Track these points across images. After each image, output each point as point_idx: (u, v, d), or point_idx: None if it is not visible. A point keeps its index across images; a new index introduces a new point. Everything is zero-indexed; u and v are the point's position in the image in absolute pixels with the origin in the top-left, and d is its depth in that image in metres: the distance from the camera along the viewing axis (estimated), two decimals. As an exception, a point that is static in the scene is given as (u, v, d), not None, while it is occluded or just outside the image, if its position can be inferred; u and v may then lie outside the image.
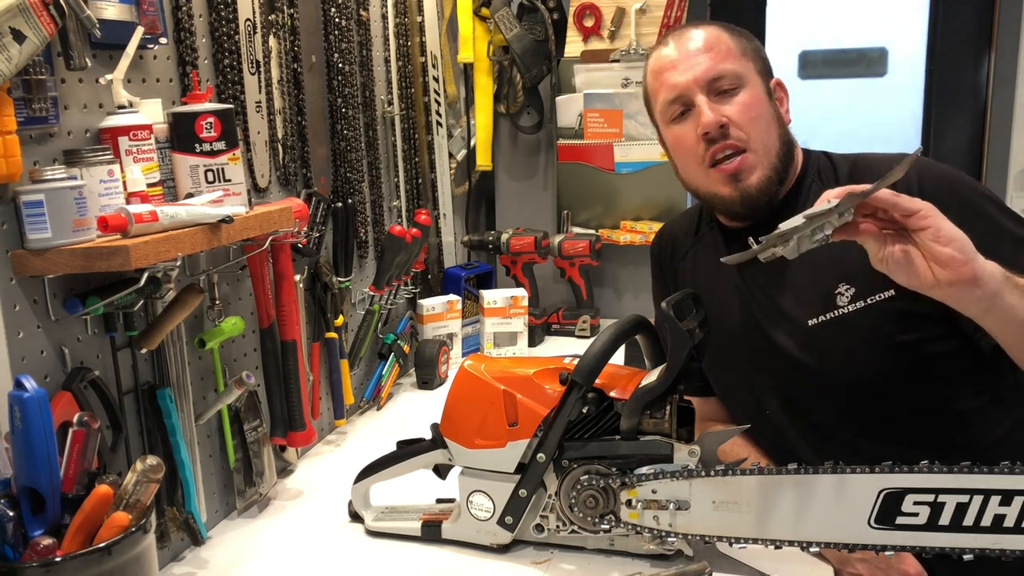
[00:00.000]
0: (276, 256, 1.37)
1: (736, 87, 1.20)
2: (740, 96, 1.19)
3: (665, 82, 1.23)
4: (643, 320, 1.22)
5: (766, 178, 1.20)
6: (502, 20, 2.21)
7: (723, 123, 1.18)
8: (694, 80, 1.20)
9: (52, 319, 1.03)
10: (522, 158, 2.45)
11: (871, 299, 1.15)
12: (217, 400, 1.31)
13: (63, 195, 0.98)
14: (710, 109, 1.18)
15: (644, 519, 1.08)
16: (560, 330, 2.35)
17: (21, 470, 0.90)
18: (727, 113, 1.18)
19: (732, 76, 1.20)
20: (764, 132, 1.20)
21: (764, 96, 1.22)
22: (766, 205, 1.21)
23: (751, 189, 1.20)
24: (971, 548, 0.92)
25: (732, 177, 1.20)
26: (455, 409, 1.22)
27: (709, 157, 1.20)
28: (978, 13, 2.53)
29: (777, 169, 1.21)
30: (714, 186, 1.22)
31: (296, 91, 1.56)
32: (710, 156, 1.20)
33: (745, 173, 1.19)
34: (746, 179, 1.19)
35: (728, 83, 1.20)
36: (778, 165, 1.21)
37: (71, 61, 1.01)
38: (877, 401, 1.18)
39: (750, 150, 1.19)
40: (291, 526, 1.35)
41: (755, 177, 1.19)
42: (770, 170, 1.20)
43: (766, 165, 1.20)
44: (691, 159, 1.23)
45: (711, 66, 1.20)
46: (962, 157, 2.63)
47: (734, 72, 1.20)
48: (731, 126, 1.18)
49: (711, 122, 1.18)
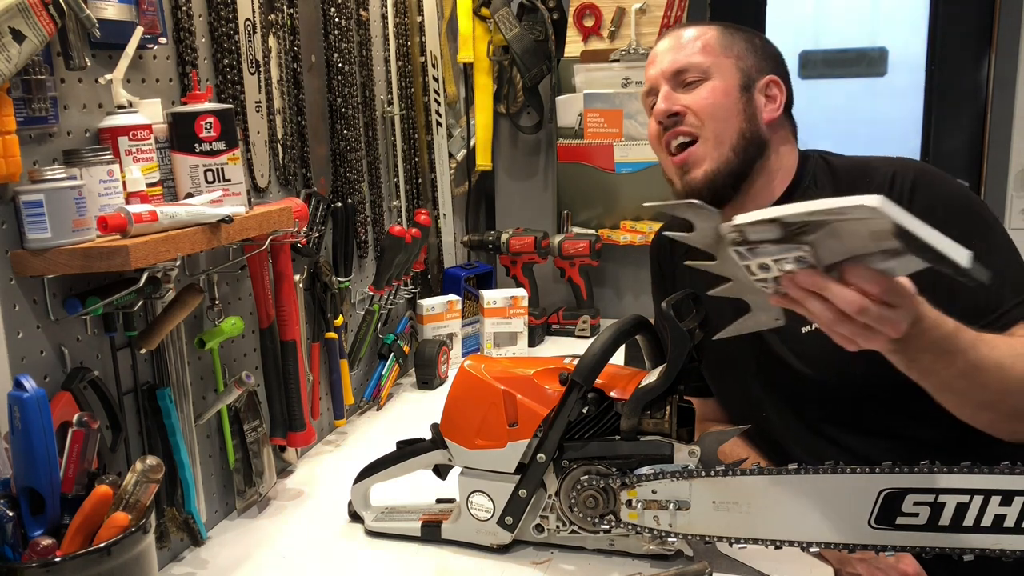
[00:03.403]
0: (276, 256, 1.37)
1: (701, 79, 1.23)
2: (702, 87, 1.22)
3: (646, 75, 1.30)
4: (643, 320, 1.22)
5: (713, 171, 1.21)
6: (502, 20, 2.21)
7: (674, 111, 1.22)
8: (661, 73, 1.25)
9: (52, 319, 1.03)
10: (522, 158, 2.45)
11: None
12: (217, 400, 1.31)
13: (63, 195, 0.98)
14: (664, 98, 1.24)
15: (644, 519, 1.08)
16: (560, 330, 2.35)
17: (21, 470, 0.90)
18: (684, 102, 1.22)
19: (697, 69, 1.23)
20: (720, 123, 1.21)
21: (733, 89, 1.22)
22: (710, 198, 1.20)
23: (695, 182, 1.22)
24: (971, 548, 0.92)
25: (680, 168, 1.24)
26: (455, 409, 1.22)
27: (664, 144, 1.25)
28: (978, 13, 2.53)
29: (730, 162, 1.21)
30: (671, 175, 1.27)
31: (296, 91, 1.56)
32: (664, 142, 1.25)
33: (691, 165, 1.22)
34: (692, 171, 1.22)
35: (693, 75, 1.23)
36: (732, 159, 1.21)
37: (71, 61, 1.01)
38: (872, 406, 1.18)
39: (701, 139, 1.21)
40: (291, 526, 1.35)
41: (701, 170, 1.22)
42: (719, 163, 1.21)
43: (715, 158, 1.21)
44: (657, 148, 1.29)
45: (676, 59, 1.24)
46: (962, 157, 2.63)
47: (699, 65, 1.23)
48: (687, 114, 1.22)
49: (660, 110, 1.23)
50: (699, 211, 0.85)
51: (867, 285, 0.82)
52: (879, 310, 0.83)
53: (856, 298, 0.82)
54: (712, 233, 0.85)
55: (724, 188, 1.22)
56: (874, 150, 1.29)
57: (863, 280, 0.82)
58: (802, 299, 0.86)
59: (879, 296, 0.83)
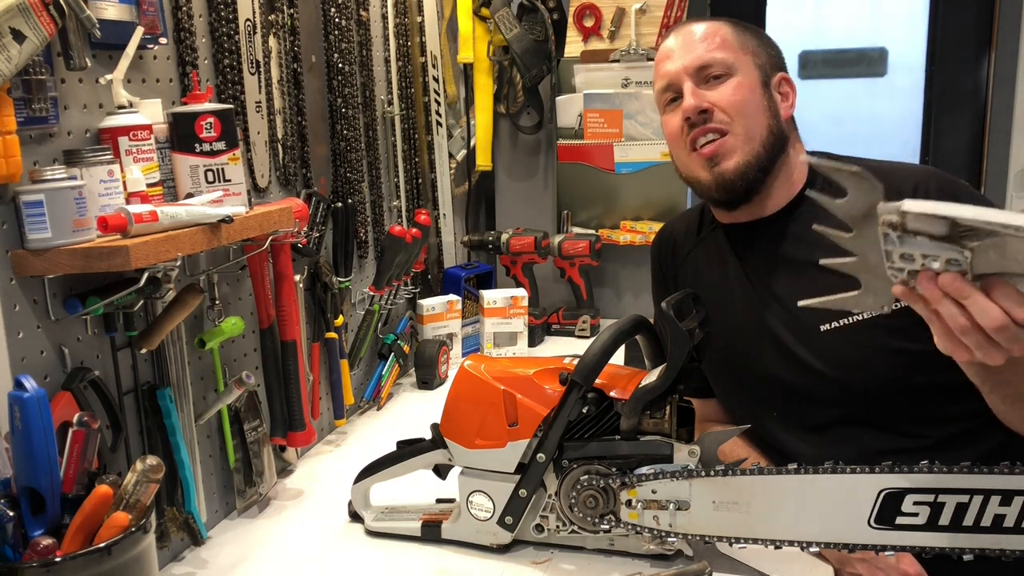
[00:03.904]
0: (276, 256, 1.37)
1: (725, 75, 1.22)
2: (728, 83, 1.22)
3: (660, 71, 1.27)
4: (643, 320, 1.22)
5: (744, 163, 1.20)
6: (502, 20, 2.21)
7: (704, 107, 1.21)
8: (683, 68, 1.23)
9: (52, 319, 1.03)
10: (522, 158, 2.45)
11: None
12: (217, 400, 1.31)
13: (63, 195, 0.98)
14: (692, 95, 1.22)
15: (644, 519, 1.08)
16: (560, 330, 2.35)
17: (21, 470, 0.90)
18: (711, 98, 1.21)
19: (721, 64, 1.22)
20: (749, 119, 1.21)
21: (756, 85, 1.22)
22: (743, 191, 1.22)
23: (726, 173, 1.21)
24: (971, 548, 0.92)
25: (709, 160, 1.22)
26: (455, 409, 1.22)
27: (690, 141, 1.23)
28: (978, 13, 2.53)
29: (760, 157, 1.21)
30: (695, 170, 1.24)
31: (296, 91, 1.56)
32: (691, 140, 1.23)
33: (721, 157, 1.21)
34: (723, 162, 1.21)
35: (717, 71, 1.22)
36: (761, 154, 1.21)
37: (71, 61, 1.01)
38: (881, 406, 1.18)
39: (731, 133, 1.21)
40: (291, 526, 1.35)
41: (732, 162, 1.21)
42: (750, 156, 1.20)
43: (746, 151, 1.20)
44: (678, 145, 1.26)
45: (700, 55, 1.23)
46: (962, 158, 2.63)
47: (723, 61, 1.22)
48: (715, 110, 1.21)
49: (690, 107, 1.21)
50: (862, 181, 0.80)
51: (1012, 306, 0.79)
52: (1017, 331, 0.80)
53: (1000, 315, 0.78)
54: (864, 207, 0.81)
55: (756, 182, 1.22)
56: (874, 150, 1.29)
57: (1011, 301, 0.78)
58: (935, 300, 0.81)
59: (1020, 318, 0.79)
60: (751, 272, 1.28)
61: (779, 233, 1.25)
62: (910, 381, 1.16)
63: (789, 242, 1.24)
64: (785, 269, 1.24)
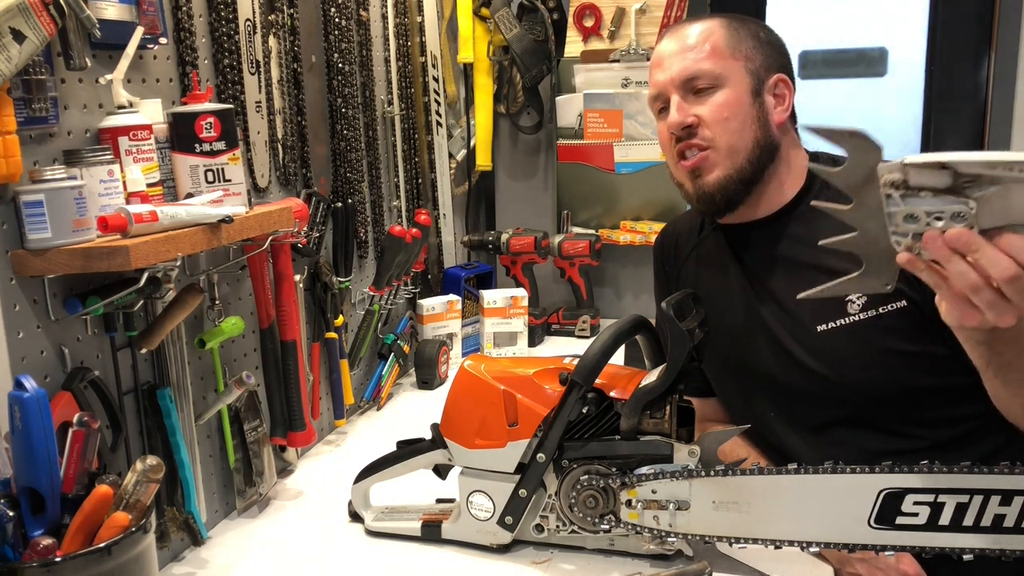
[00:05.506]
0: (276, 256, 1.37)
1: (713, 87, 1.22)
2: (715, 96, 1.21)
3: (652, 78, 1.28)
4: (643, 320, 1.22)
5: (725, 177, 1.21)
6: (502, 20, 2.21)
7: (688, 123, 1.22)
8: (670, 80, 1.24)
9: (52, 319, 1.03)
10: (522, 158, 2.45)
11: (882, 308, 1.15)
12: (217, 400, 1.31)
13: (63, 195, 0.98)
14: (678, 109, 1.23)
15: (644, 519, 1.08)
16: (560, 330, 2.35)
17: (21, 470, 0.90)
18: (697, 112, 1.22)
19: (709, 76, 1.21)
20: (734, 134, 1.21)
21: (745, 95, 1.22)
22: (723, 204, 1.23)
23: (706, 187, 1.23)
24: (971, 548, 0.92)
25: (691, 173, 1.24)
26: (455, 409, 1.22)
27: (677, 153, 1.25)
28: (978, 13, 2.53)
29: (743, 171, 1.21)
30: (681, 179, 1.27)
31: (296, 91, 1.56)
32: (677, 152, 1.25)
33: (703, 170, 1.23)
34: (704, 176, 1.23)
35: (704, 82, 1.22)
36: (745, 167, 1.22)
37: (71, 61, 1.01)
38: (879, 407, 1.18)
39: (713, 149, 1.21)
40: (291, 526, 1.35)
41: (712, 176, 1.22)
42: (732, 171, 1.21)
43: (727, 166, 1.21)
44: (668, 152, 1.28)
45: (687, 66, 1.22)
46: (962, 157, 2.62)
47: (711, 72, 1.21)
48: (700, 126, 1.22)
49: (674, 123, 1.23)
50: (861, 142, 0.78)
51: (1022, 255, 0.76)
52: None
53: (1011, 264, 0.76)
54: (864, 170, 0.79)
55: (737, 194, 1.23)
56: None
57: (1020, 250, 0.76)
58: (944, 258, 0.78)
59: None
60: (749, 272, 1.28)
61: (778, 233, 1.25)
62: (908, 382, 1.16)
63: (787, 242, 1.24)
64: (783, 269, 1.24)
